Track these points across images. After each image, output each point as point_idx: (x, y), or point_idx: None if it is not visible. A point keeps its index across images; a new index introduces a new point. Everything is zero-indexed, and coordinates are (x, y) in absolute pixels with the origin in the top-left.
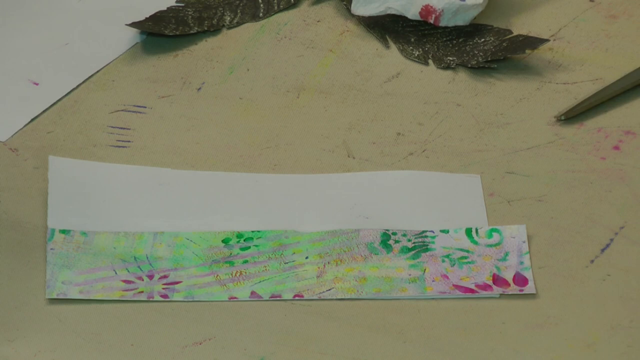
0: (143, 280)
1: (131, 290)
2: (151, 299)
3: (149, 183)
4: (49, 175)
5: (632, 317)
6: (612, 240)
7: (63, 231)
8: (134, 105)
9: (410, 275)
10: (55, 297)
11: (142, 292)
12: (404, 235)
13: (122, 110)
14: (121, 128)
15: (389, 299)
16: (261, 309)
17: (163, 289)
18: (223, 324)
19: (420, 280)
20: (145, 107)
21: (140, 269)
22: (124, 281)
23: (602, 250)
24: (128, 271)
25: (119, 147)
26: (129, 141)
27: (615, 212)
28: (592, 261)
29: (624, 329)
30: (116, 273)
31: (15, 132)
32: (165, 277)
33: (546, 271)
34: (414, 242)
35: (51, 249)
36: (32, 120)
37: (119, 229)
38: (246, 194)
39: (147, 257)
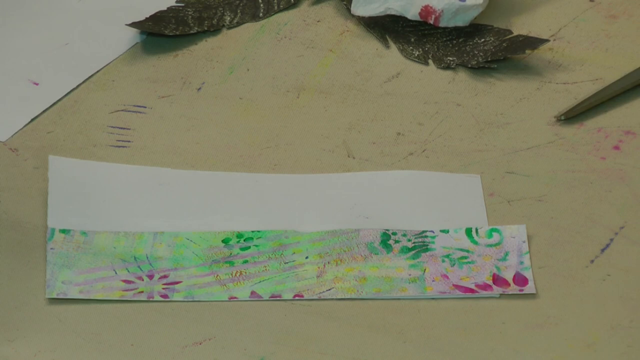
0: (143, 280)
1: (131, 290)
2: (151, 299)
3: (149, 183)
4: (49, 175)
5: (632, 317)
6: (612, 240)
7: (63, 231)
8: (134, 105)
9: (410, 275)
10: (55, 296)
11: (142, 292)
12: (404, 235)
13: (122, 110)
14: (121, 128)
15: (389, 299)
16: (261, 309)
17: (163, 289)
18: (223, 324)
19: (420, 280)
20: (145, 107)
21: (140, 269)
22: (124, 281)
23: (602, 250)
24: (128, 271)
25: (119, 147)
26: (129, 141)
27: (615, 212)
28: (592, 261)
29: (624, 329)
30: (116, 273)
31: (15, 132)
32: (165, 277)
33: (546, 271)
34: (414, 242)
35: (51, 248)
36: (32, 120)
37: (119, 228)
38: (246, 194)
39: (147, 257)
